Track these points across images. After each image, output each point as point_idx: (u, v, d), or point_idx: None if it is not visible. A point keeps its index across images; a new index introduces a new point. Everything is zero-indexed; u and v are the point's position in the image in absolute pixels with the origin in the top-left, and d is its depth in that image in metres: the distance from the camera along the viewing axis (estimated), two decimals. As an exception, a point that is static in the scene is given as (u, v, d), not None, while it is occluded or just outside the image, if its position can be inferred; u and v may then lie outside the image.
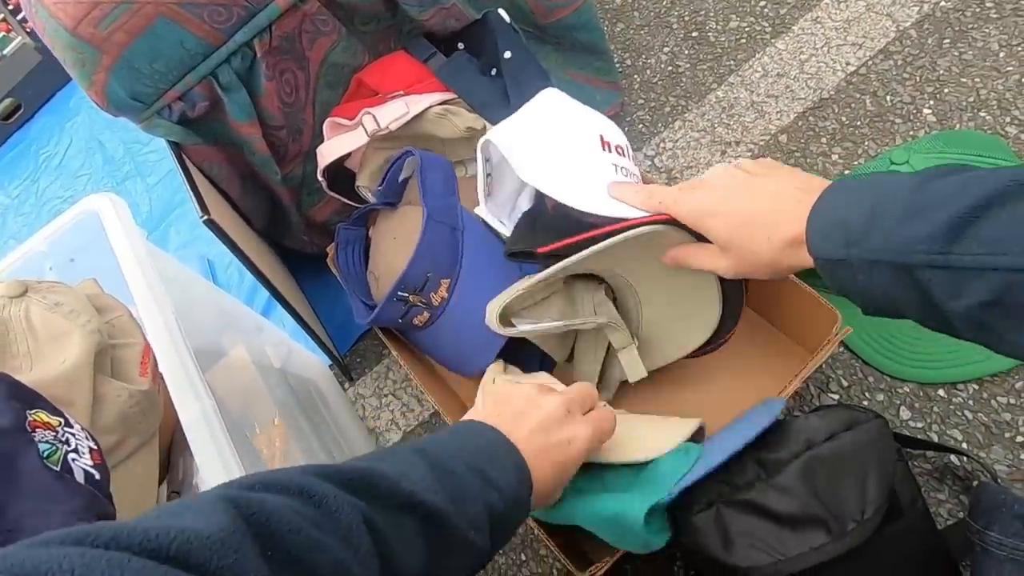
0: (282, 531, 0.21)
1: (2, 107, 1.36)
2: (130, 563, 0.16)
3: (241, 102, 0.59)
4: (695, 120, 0.72)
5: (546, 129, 0.49)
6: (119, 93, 0.54)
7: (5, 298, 0.45)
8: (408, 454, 0.30)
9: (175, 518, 0.19)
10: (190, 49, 0.54)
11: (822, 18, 0.75)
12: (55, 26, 0.49)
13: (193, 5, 0.51)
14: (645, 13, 0.83)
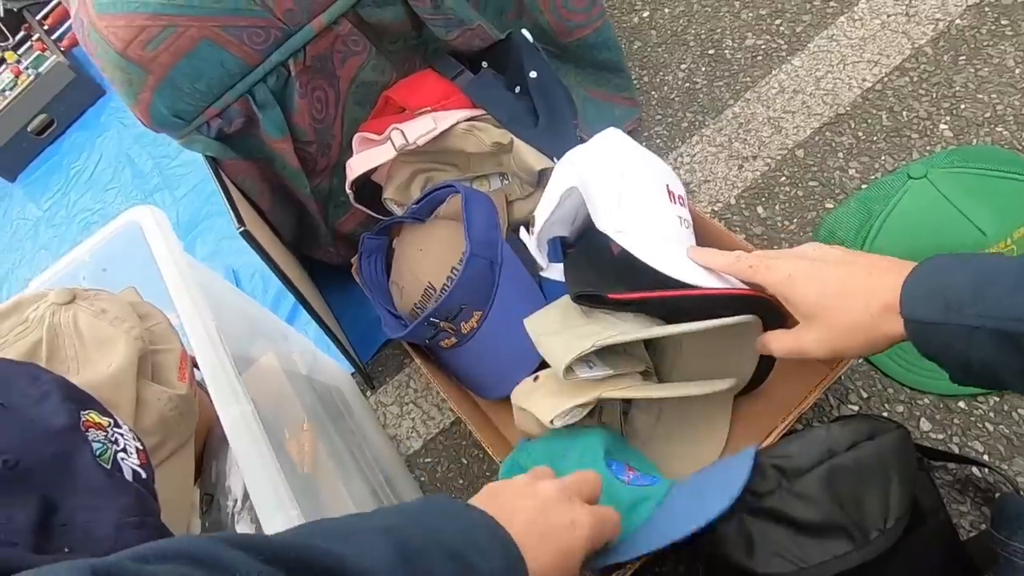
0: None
1: (36, 123, 1.41)
2: None
3: (275, 119, 0.62)
4: (712, 135, 0.74)
5: (619, 177, 0.49)
6: (162, 111, 0.56)
7: (55, 305, 0.47)
8: (371, 531, 0.26)
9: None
10: (229, 69, 0.56)
11: (837, 36, 0.76)
12: (106, 48, 0.52)
13: (234, 28, 0.54)
14: (662, 31, 0.85)
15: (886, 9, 0.75)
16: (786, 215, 0.66)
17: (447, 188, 0.63)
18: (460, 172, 0.70)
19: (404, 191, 0.70)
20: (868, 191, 0.57)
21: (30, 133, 1.41)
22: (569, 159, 0.52)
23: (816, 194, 0.66)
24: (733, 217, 0.68)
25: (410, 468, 0.68)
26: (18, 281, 1.22)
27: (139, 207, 0.57)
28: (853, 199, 0.58)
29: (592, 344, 0.44)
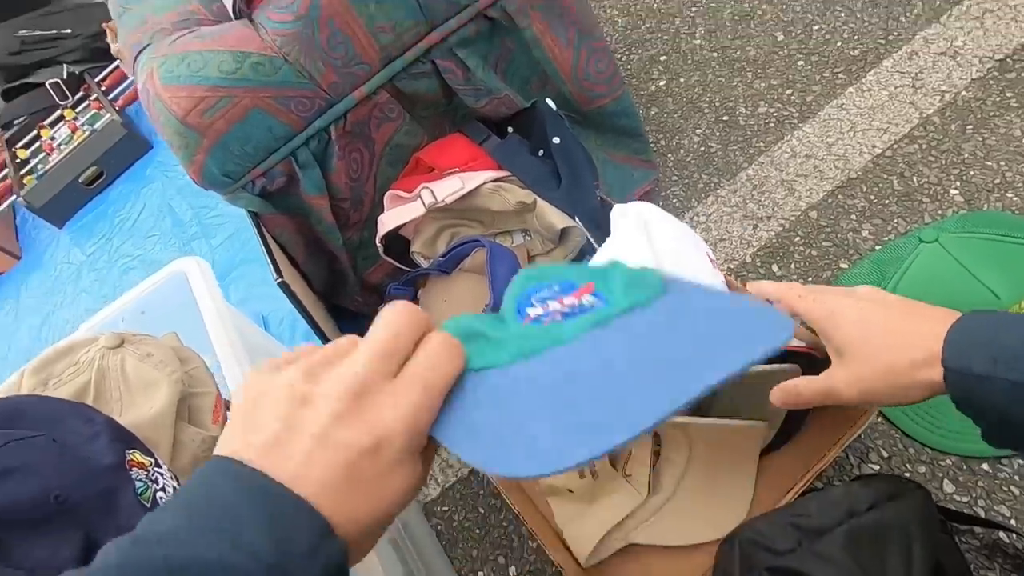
0: None
1: (87, 175, 1.50)
2: None
3: (314, 178, 0.66)
4: (727, 196, 0.77)
5: (670, 247, 0.52)
6: (213, 171, 0.61)
7: (105, 349, 0.51)
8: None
9: None
10: (276, 134, 0.61)
11: (847, 105, 0.80)
12: (168, 115, 0.58)
13: (283, 98, 0.59)
14: (678, 99, 0.90)
15: (893, 81, 0.79)
16: (801, 274, 0.68)
17: (472, 242, 0.66)
18: (484, 228, 0.74)
19: (431, 245, 0.73)
20: (881, 253, 0.59)
21: (81, 184, 1.51)
22: (631, 240, 0.54)
23: (830, 254, 0.68)
24: (749, 275, 0.70)
25: (427, 516, 0.69)
26: (58, 322, 1.27)
27: (186, 258, 0.61)
28: (867, 260, 0.59)
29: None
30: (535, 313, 0.24)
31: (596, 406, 0.19)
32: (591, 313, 0.22)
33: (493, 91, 0.67)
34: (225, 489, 0.20)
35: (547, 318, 0.23)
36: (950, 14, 0.81)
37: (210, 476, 0.20)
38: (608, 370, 0.20)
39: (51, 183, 1.49)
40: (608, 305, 0.22)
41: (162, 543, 0.18)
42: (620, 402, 0.18)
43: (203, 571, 0.18)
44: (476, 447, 0.21)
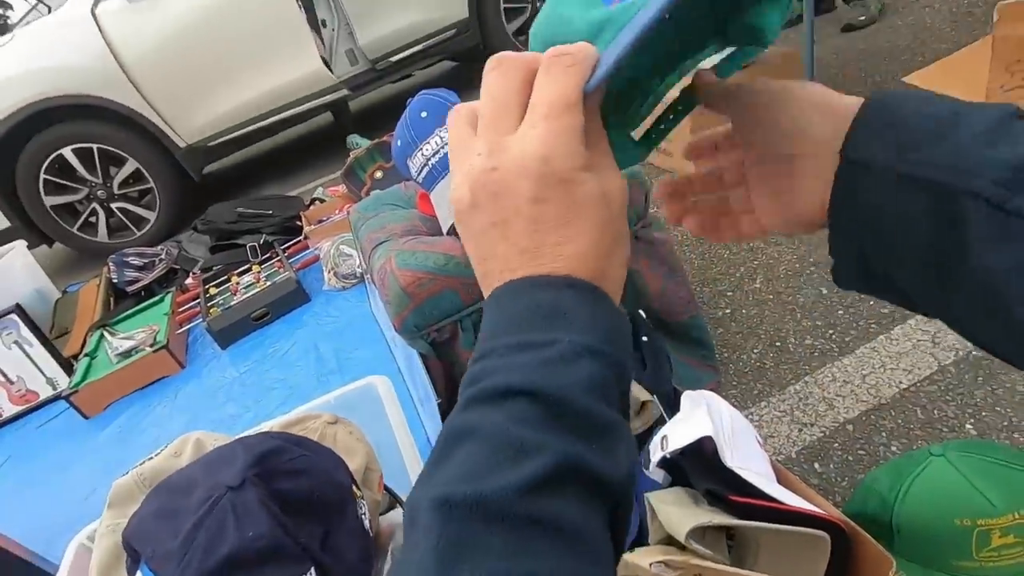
0: None
1: (257, 312, 1.91)
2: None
3: (468, 339, 0.94)
4: (777, 403, 0.96)
5: (727, 424, 0.72)
6: (409, 323, 0.90)
7: (326, 422, 0.75)
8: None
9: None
10: (455, 306, 0.91)
11: (878, 348, 1.01)
12: (395, 284, 0.89)
13: (466, 286, 0.90)
14: (739, 324, 1.15)
15: (916, 335, 1.00)
16: (839, 473, 0.82)
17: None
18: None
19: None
20: (900, 459, 0.74)
21: (250, 319, 1.91)
22: (699, 415, 0.74)
23: (864, 461, 0.83)
24: (793, 468, 0.85)
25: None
26: (204, 422, 1.54)
27: (378, 376, 0.87)
28: (889, 463, 0.75)
29: (710, 520, 0.62)
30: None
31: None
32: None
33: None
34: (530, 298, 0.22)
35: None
36: (960, 293, 1.05)
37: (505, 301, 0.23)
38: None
39: (230, 315, 1.90)
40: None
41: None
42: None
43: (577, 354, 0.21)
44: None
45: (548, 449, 0.20)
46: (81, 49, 2.65)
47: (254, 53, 2.76)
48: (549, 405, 0.20)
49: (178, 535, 0.58)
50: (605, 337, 0.22)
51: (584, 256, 0.23)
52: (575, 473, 0.20)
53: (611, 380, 0.22)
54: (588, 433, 0.21)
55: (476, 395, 0.22)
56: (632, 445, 0.22)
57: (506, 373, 0.21)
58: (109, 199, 2.94)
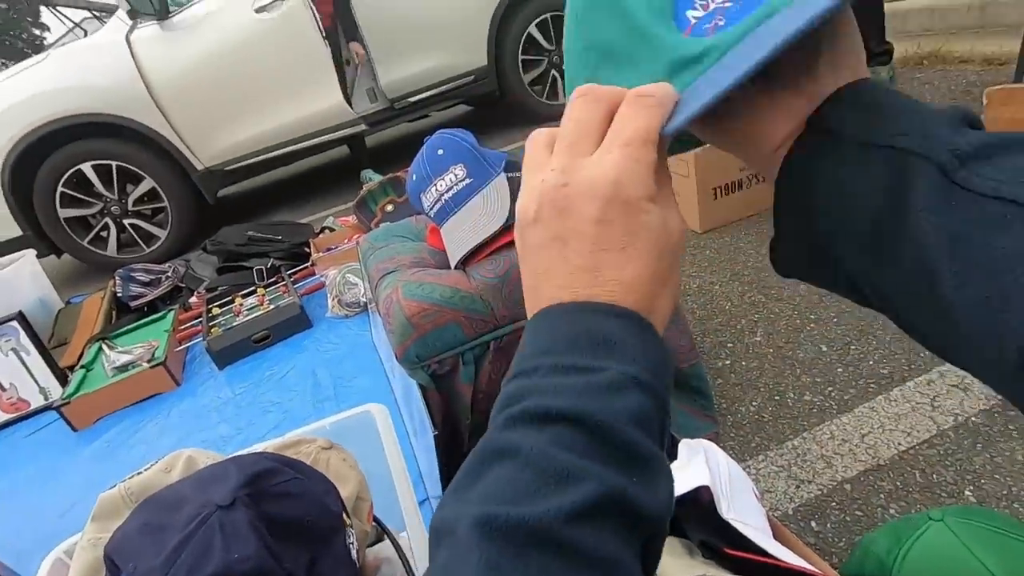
0: None
1: (259, 335, 1.92)
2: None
3: (468, 373, 0.94)
4: (774, 457, 0.95)
5: (724, 472, 0.72)
6: (411, 353, 0.91)
7: (320, 448, 0.74)
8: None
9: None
10: (458, 339, 0.92)
11: (877, 408, 1.00)
12: (400, 314, 0.90)
13: (470, 319, 0.91)
14: (739, 376, 1.15)
15: (915, 398, 1.00)
16: (836, 533, 0.81)
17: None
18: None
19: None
20: (899, 522, 0.73)
21: (250, 341, 1.91)
22: (696, 464, 0.74)
23: (861, 522, 0.82)
24: (790, 525, 0.84)
25: None
26: (195, 441, 1.52)
27: (375, 404, 0.87)
28: (887, 525, 0.73)
29: (704, 572, 0.60)
30: (696, 16, 0.24)
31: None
32: (753, 13, 0.23)
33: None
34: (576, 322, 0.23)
35: (709, 23, 0.24)
36: (959, 358, 1.05)
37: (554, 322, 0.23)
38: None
39: (230, 335, 1.90)
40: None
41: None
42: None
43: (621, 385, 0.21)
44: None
45: (592, 479, 0.20)
46: (111, 71, 2.76)
47: (279, 85, 2.87)
48: (594, 433, 0.21)
49: (162, 552, 0.57)
50: (652, 370, 0.22)
51: (638, 284, 0.23)
52: (617, 505, 0.20)
53: (655, 413, 0.22)
54: (631, 465, 0.21)
55: (518, 415, 0.22)
56: (671, 480, 0.22)
57: (551, 395, 0.21)
58: (122, 215, 3.00)
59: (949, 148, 0.21)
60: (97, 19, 3.40)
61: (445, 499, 0.22)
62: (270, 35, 2.75)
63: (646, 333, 0.23)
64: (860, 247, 0.23)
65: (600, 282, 0.23)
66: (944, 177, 0.20)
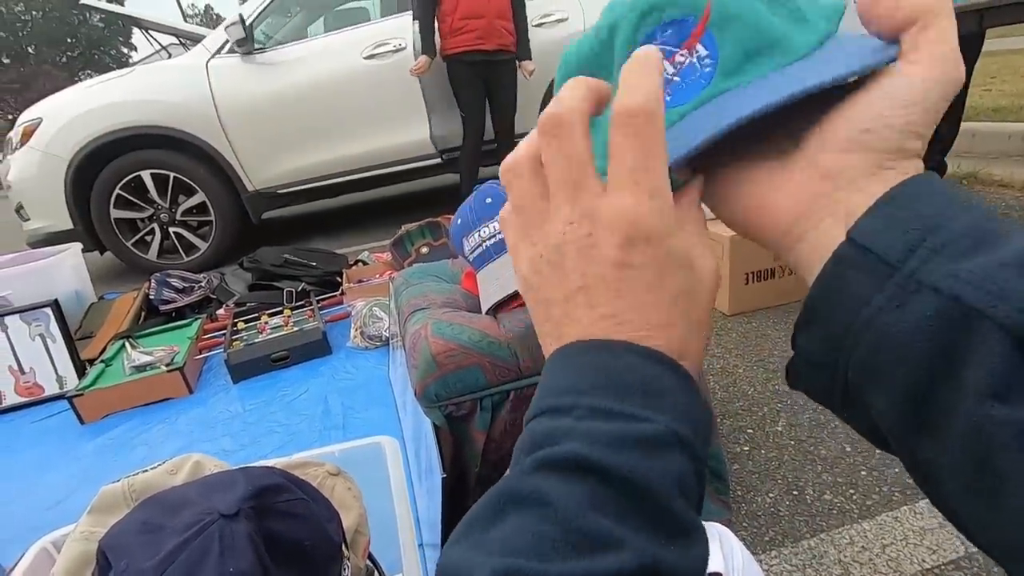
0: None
1: (278, 355, 1.94)
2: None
3: (484, 419, 0.93)
4: (789, 556, 0.90)
5: (745, 569, 0.70)
6: (431, 392, 0.91)
7: (328, 473, 0.73)
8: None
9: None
10: (479, 383, 0.92)
11: (901, 519, 0.95)
12: (427, 350, 0.91)
13: (495, 365, 0.91)
14: (757, 464, 1.12)
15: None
16: (850, 650, 0.75)
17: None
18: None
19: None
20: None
21: (269, 359, 1.93)
22: (710, 549, 0.71)
23: (879, 642, 0.76)
24: (802, 632, 0.78)
25: None
26: (193, 450, 1.51)
27: (386, 437, 0.86)
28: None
29: None
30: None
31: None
32: (702, 91, 0.22)
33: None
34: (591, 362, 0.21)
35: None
36: (992, 479, 1.00)
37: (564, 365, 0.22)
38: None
39: (250, 351, 1.92)
40: (717, 64, 0.22)
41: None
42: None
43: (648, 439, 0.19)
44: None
45: (628, 548, 0.18)
46: (185, 91, 2.98)
47: (358, 122, 3.08)
48: (632, 494, 0.19)
49: (157, 554, 0.56)
50: (695, 428, 0.21)
51: (668, 327, 0.22)
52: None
53: (694, 478, 0.20)
54: (671, 535, 0.19)
55: (548, 460, 0.20)
56: (707, 549, 0.20)
57: (588, 443, 0.19)
58: (170, 223, 3.13)
59: (1020, 308, 0.16)
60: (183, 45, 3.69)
61: (456, 541, 0.20)
62: (372, 78, 3.01)
63: (685, 383, 0.21)
64: (895, 403, 0.19)
65: (628, 328, 0.22)
66: (1017, 347, 0.16)
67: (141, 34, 3.96)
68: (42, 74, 24.56)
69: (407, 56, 2.96)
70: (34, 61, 28.90)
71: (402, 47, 3.00)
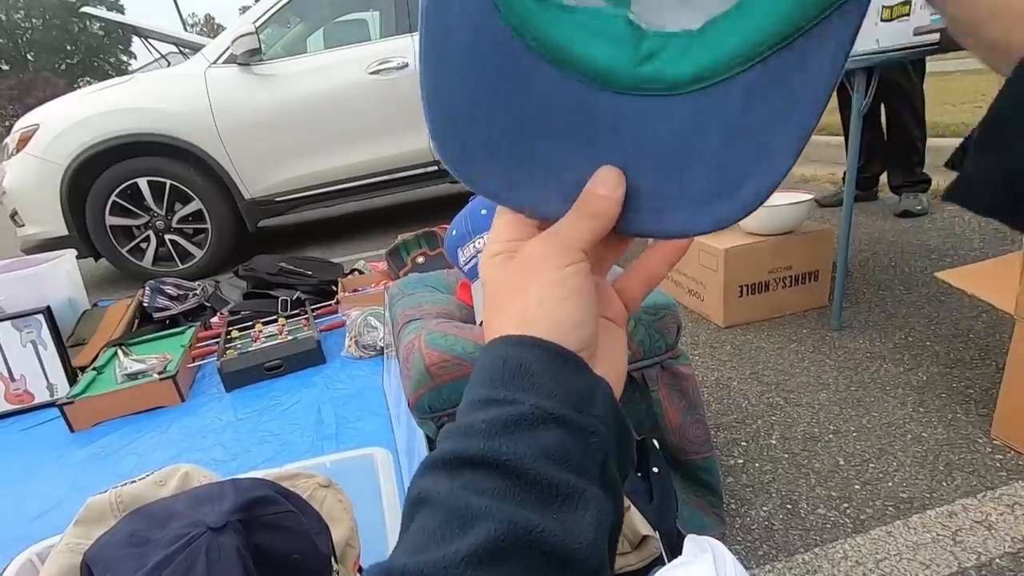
0: None
1: (272, 364, 1.92)
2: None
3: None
4: (783, 570, 0.89)
5: (731, 573, 0.69)
6: (424, 402, 0.90)
7: (319, 485, 0.73)
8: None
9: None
10: (472, 393, 0.91)
11: (895, 534, 0.95)
12: (420, 361, 0.91)
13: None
14: (751, 477, 1.11)
15: (936, 529, 0.95)
16: (844, 668, 0.75)
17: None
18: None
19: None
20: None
21: (263, 368, 1.92)
22: (702, 563, 0.70)
23: (873, 659, 0.75)
24: (795, 649, 0.77)
25: None
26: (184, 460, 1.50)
27: (379, 448, 0.86)
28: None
29: None
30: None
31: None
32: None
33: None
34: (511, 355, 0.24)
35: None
36: (985, 495, 1.00)
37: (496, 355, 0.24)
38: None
39: (244, 359, 1.91)
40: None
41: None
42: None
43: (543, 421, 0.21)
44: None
45: (494, 517, 0.19)
46: (184, 100, 2.99)
47: (357, 133, 3.11)
48: (504, 472, 0.21)
49: (142, 567, 0.56)
50: (573, 402, 0.22)
51: (535, 316, 0.24)
52: (526, 544, 0.19)
53: (577, 447, 0.22)
54: (545, 502, 0.20)
55: (433, 461, 0.22)
56: (605, 514, 0.21)
57: (463, 438, 0.22)
58: (165, 230, 3.12)
59: None
60: (182, 54, 3.70)
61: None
62: (373, 93, 3.06)
63: (569, 365, 0.23)
64: None
65: (515, 322, 0.24)
66: None
67: (141, 42, 3.98)
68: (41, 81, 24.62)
69: (410, 73, 3.05)
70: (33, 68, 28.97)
71: (405, 64, 3.07)
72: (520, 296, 0.24)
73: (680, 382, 0.95)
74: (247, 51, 2.93)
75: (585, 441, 0.22)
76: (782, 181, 0.21)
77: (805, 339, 1.61)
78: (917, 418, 1.21)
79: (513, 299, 0.25)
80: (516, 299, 0.24)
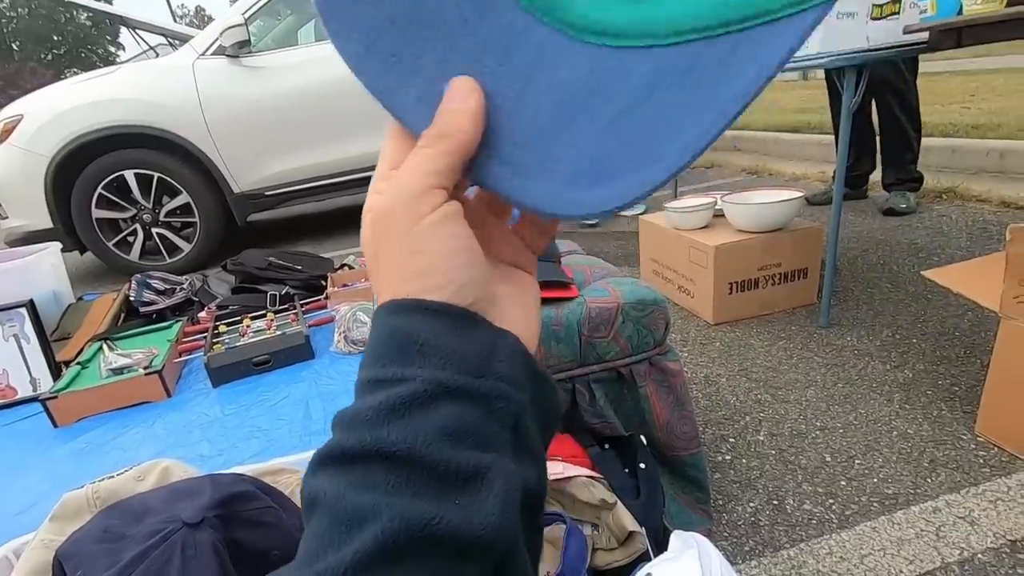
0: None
1: (260, 359, 1.91)
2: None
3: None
4: (768, 565, 0.90)
5: (717, 569, 0.68)
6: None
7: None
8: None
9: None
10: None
11: (879, 529, 0.96)
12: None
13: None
14: (738, 473, 1.11)
15: (919, 524, 0.95)
16: (827, 662, 0.75)
17: (555, 515, 0.84)
18: (561, 510, 0.91)
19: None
20: None
21: (250, 363, 1.90)
22: (688, 559, 0.70)
23: (855, 654, 0.76)
24: (779, 644, 0.78)
25: None
26: (172, 455, 1.48)
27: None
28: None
29: None
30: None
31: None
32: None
33: (605, 417, 0.94)
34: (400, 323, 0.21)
35: None
36: (968, 491, 1.01)
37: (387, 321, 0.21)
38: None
39: (232, 355, 1.89)
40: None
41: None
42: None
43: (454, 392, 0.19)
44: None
45: (383, 516, 0.17)
46: (172, 91, 2.95)
47: (352, 126, 3.06)
48: (394, 463, 0.18)
49: (115, 564, 0.54)
50: (470, 368, 0.20)
51: (437, 278, 0.21)
52: (421, 539, 0.17)
53: (479, 419, 0.19)
54: (444, 489, 0.18)
55: (321, 458, 0.20)
56: (514, 487, 0.19)
57: (349, 430, 0.19)
58: (152, 223, 3.08)
59: None
60: (171, 45, 3.65)
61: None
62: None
63: (456, 322, 0.20)
64: None
65: (394, 284, 0.21)
66: None
67: (129, 33, 3.93)
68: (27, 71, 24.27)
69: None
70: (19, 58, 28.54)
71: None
72: (392, 252, 0.21)
73: (668, 378, 0.94)
74: (236, 43, 2.89)
75: (488, 409, 0.20)
76: (658, 188, 0.18)
77: (793, 336, 1.61)
78: (903, 415, 1.22)
79: (388, 257, 0.21)
80: (389, 257, 0.21)
